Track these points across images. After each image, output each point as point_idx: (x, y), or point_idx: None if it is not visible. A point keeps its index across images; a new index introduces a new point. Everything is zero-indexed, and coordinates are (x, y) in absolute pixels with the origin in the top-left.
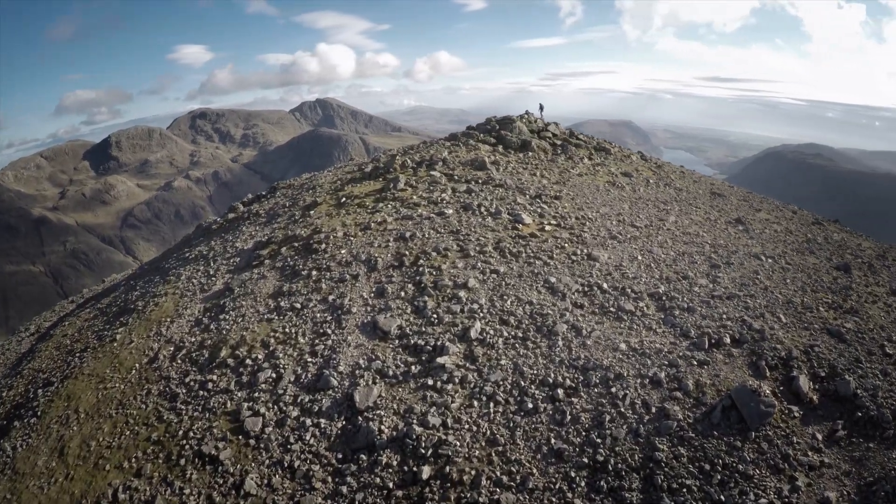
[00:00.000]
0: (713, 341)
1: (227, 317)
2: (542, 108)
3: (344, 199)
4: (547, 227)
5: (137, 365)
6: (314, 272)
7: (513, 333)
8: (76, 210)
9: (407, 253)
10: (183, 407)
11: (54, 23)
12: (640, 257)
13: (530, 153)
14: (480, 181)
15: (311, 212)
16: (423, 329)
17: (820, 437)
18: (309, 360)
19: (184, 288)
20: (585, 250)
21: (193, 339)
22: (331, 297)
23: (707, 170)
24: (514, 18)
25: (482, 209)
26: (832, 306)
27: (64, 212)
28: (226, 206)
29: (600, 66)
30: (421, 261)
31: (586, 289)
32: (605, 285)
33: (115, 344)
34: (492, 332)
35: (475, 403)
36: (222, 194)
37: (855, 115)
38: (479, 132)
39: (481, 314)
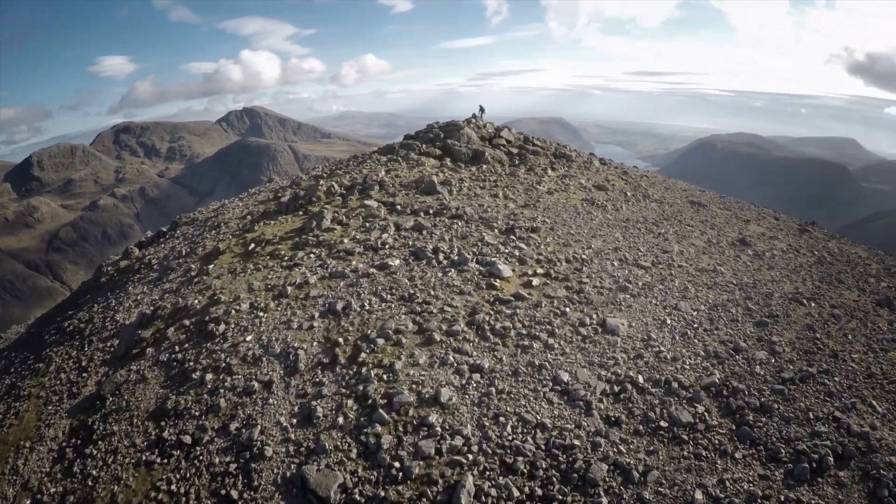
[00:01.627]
0: (814, 464)
1: (96, 452)
2: (482, 109)
3: (253, 244)
4: (535, 281)
5: None
6: (209, 375)
7: (527, 491)
8: None
9: (341, 340)
10: None
11: None
12: (668, 320)
13: (485, 166)
14: (432, 211)
15: (211, 266)
16: (382, 492)
17: None
18: None
19: (50, 387)
20: (595, 315)
21: (55, 489)
22: (233, 426)
23: (639, 163)
24: (442, 19)
25: (440, 256)
26: None
27: None
28: (154, 224)
29: (529, 65)
30: (363, 354)
31: (616, 388)
32: (640, 379)
33: None
34: (494, 492)
35: None
36: (150, 211)
37: (781, 103)
38: (420, 142)
39: (470, 457)
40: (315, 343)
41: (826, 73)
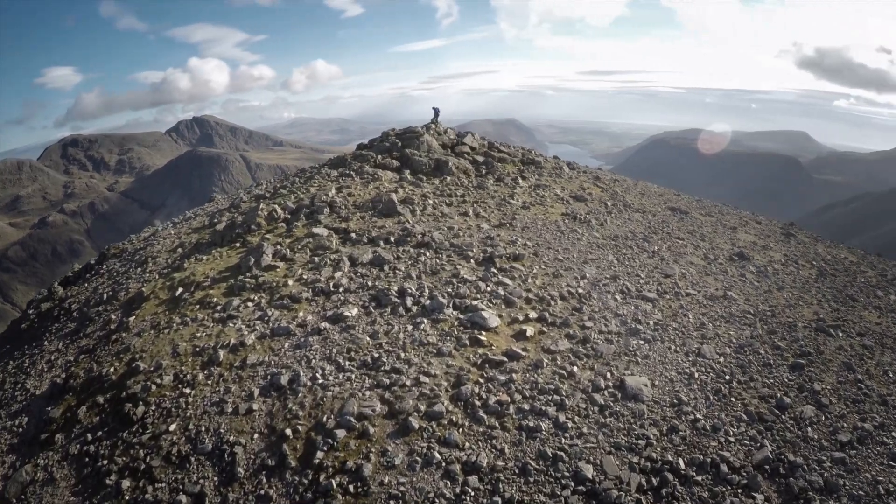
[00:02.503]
0: None
1: None
2: (436, 112)
3: (180, 288)
4: (529, 331)
5: None
6: (126, 482)
7: None
8: None
9: (289, 432)
10: None
11: None
12: (695, 372)
13: (449, 178)
14: (393, 239)
15: (132, 317)
16: None
17: None
18: None
19: None
20: (609, 374)
21: None
22: None
23: (593, 161)
24: (393, 23)
25: (408, 300)
26: None
27: None
28: (105, 240)
29: (481, 66)
30: (319, 452)
31: (655, 479)
32: (681, 463)
33: None
34: None
35: None
36: (100, 227)
37: (732, 98)
38: (375, 152)
39: None
40: (256, 435)
41: (776, 69)
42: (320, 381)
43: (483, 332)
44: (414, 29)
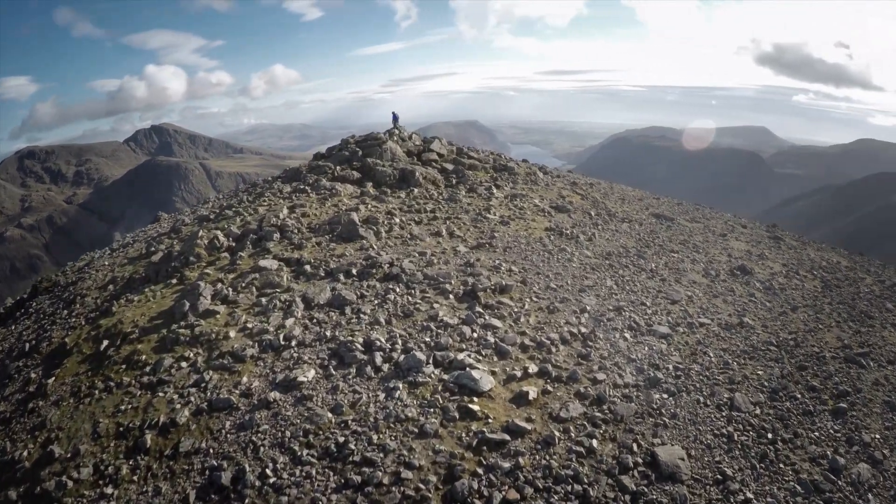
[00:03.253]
0: None
1: None
2: (396, 117)
3: (106, 340)
4: (531, 392)
5: None
6: None
7: None
8: None
9: None
10: None
11: None
12: (734, 433)
13: (416, 190)
14: (355, 271)
15: (52, 379)
16: None
17: None
18: None
19: None
20: (636, 446)
21: None
22: None
23: (556, 161)
24: (352, 26)
25: (377, 357)
26: None
27: None
28: (65, 255)
29: (441, 69)
30: None
31: None
32: None
33: None
34: None
35: None
36: (59, 241)
37: (693, 96)
38: (333, 163)
39: None
40: None
41: (735, 65)
42: (272, 480)
43: (475, 399)
44: (373, 32)
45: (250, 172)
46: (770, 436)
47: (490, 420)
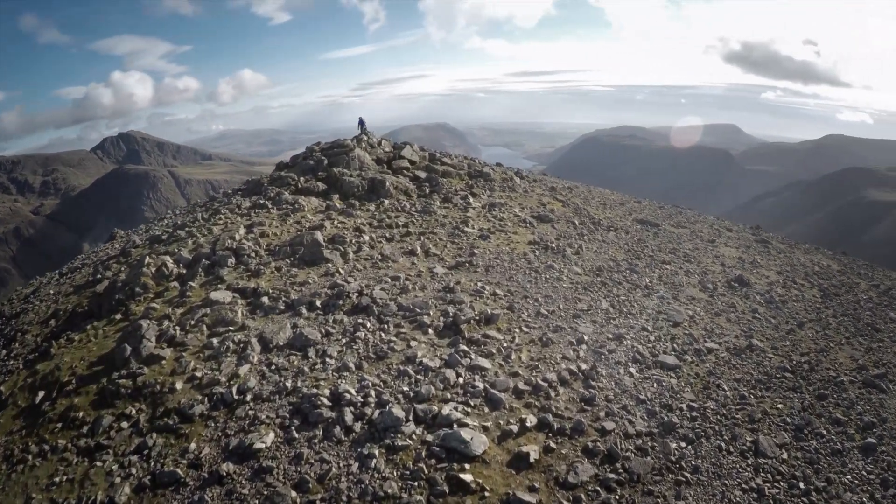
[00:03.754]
0: None
1: None
2: (362, 122)
3: (42, 391)
4: (531, 453)
5: None
6: None
7: None
8: None
9: None
10: None
11: None
12: (764, 486)
13: (387, 202)
14: (319, 302)
15: None
16: None
17: None
18: None
19: None
20: None
21: None
22: None
23: (526, 162)
24: (321, 29)
25: (348, 414)
26: None
27: None
28: (34, 267)
29: (411, 71)
30: None
31: None
32: None
33: None
34: None
35: None
36: (28, 253)
37: (662, 95)
38: (297, 173)
39: None
40: None
41: (704, 64)
42: None
43: (466, 466)
44: (342, 35)
45: (219, 179)
46: (802, 485)
47: (487, 493)
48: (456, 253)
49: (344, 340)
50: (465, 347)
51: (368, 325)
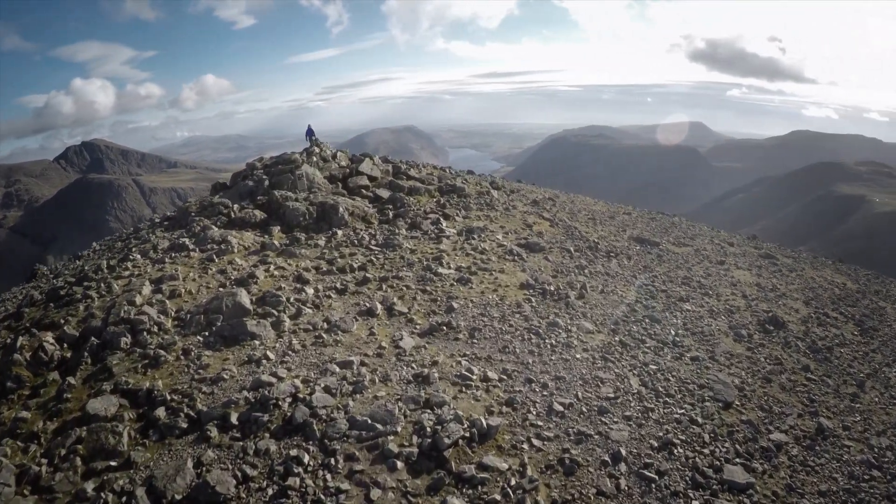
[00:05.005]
0: None
1: None
2: (311, 133)
3: None
4: None
5: None
6: None
7: None
8: None
9: None
10: None
11: None
12: None
13: (340, 233)
14: (236, 416)
15: None
16: None
17: None
18: None
19: None
20: None
21: None
22: None
23: (494, 164)
24: (285, 33)
25: None
26: None
27: None
28: None
29: (376, 74)
30: None
31: None
32: None
33: None
34: None
35: None
36: None
37: (628, 94)
38: (233, 198)
39: None
40: None
41: (670, 63)
42: None
43: None
44: (307, 39)
45: (185, 187)
46: None
47: None
48: (429, 308)
49: (270, 491)
50: (456, 500)
51: (306, 458)
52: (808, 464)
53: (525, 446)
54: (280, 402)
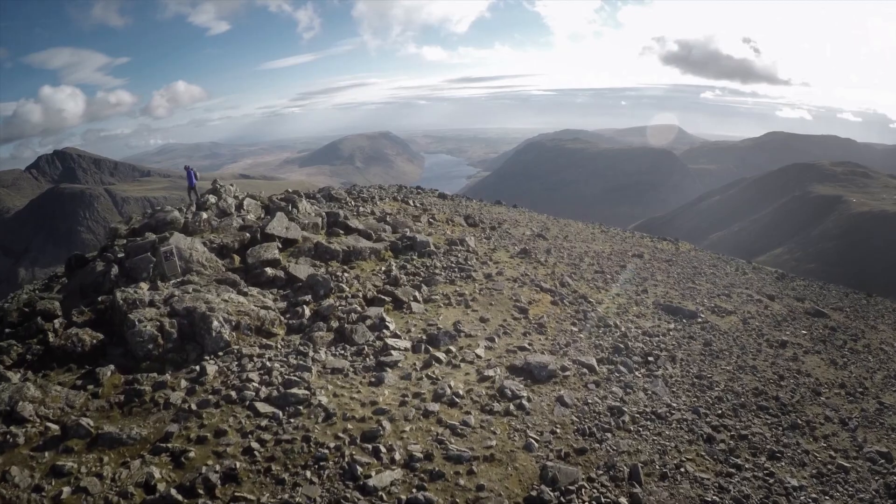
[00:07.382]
0: None
1: None
2: (191, 176)
3: None
4: None
5: None
6: None
7: None
8: None
9: None
10: None
11: None
12: None
13: (212, 370)
14: None
15: None
16: None
17: None
18: None
19: None
20: None
21: None
22: None
23: (470, 169)
24: (258, 39)
25: None
26: None
27: None
28: None
29: (350, 80)
30: None
31: None
32: None
33: None
34: None
35: None
36: None
37: (602, 97)
38: (66, 299)
39: None
40: None
41: (644, 66)
42: None
43: None
44: (280, 45)
45: (157, 196)
46: None
47: None
48: None
49: None
50: None
51: None
52: None
53: None
54: None
